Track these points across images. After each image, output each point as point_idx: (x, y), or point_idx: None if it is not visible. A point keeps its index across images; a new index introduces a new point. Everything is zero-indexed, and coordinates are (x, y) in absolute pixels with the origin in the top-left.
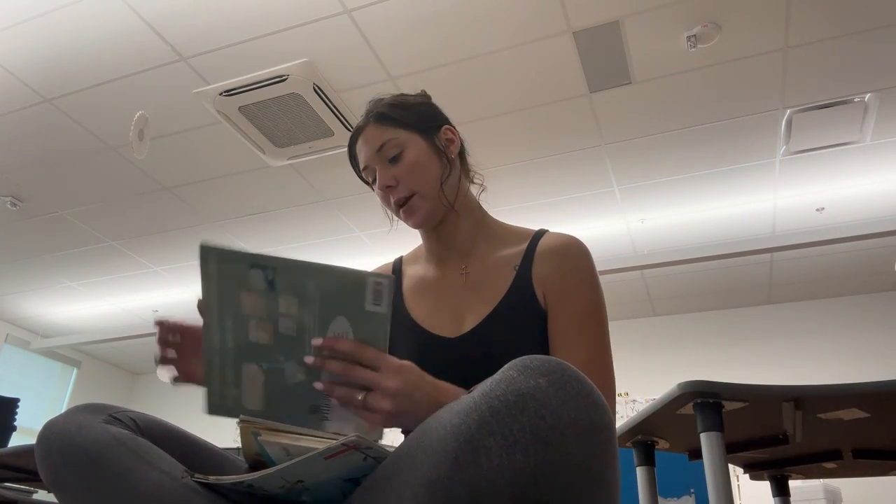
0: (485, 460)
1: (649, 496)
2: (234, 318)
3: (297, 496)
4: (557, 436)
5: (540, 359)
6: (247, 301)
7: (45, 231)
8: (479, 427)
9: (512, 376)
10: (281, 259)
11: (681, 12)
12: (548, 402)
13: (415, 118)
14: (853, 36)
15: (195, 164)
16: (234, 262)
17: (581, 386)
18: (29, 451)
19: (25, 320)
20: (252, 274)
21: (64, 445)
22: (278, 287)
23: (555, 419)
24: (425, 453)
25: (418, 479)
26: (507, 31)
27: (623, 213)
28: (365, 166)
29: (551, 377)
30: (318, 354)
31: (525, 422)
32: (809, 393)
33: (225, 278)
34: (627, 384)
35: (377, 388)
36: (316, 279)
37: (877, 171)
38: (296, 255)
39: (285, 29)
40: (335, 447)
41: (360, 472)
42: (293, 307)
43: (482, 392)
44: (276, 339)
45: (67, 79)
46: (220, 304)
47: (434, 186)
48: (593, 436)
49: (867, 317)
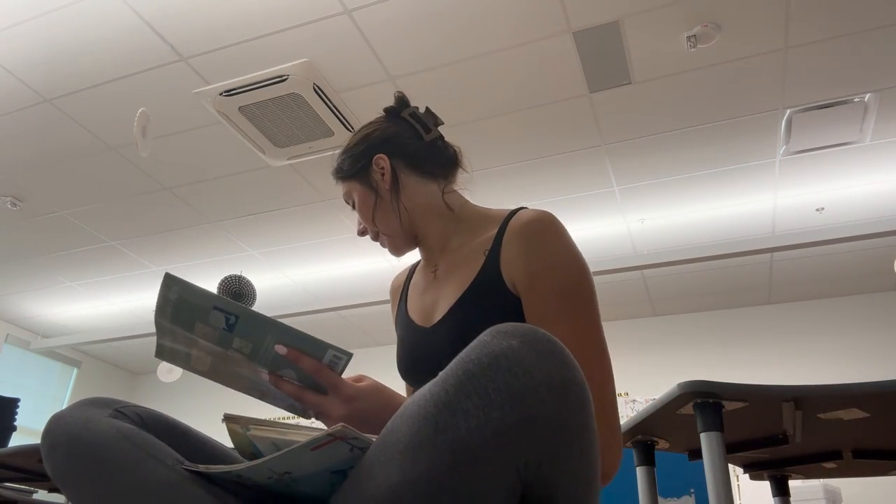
0: (463, 422)
1: (649, 496)
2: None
3: (286, 487)
4: (531, 393)
5: (512, 324)
6: (200, 329)
7: (45, 231)
8: (457, 390)
9: (485, 340)
10: (247, 310)
11: (681, 12)
12: (520, 360)
13: (350, 164)
14: (853, 36)
15: (195, 164)
16: (196, 299)
17: (552, 346)
18: (29, 451)
19: (25, 320)
20: (213, 314)
21: (70, 439)
22: (236, 331)
23: (528, 377)
24: (406, 424)
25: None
26: (507, 31)
27: (623, 213)
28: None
29: (523, 339)
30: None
31: (499, 381)
32: (809, 393)
33: (183, 308)
34: (627, 384)
35: (324, 413)
36: (277, 337)
37: (877, 171)
38: (296, 254)
39: (285, 29)
40: (321, 438)
41: (348, 464)
42: (246, 348)
43: (458, 358)
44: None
45: (67, 79)
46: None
47: (387, 228)
48: (566, 392)
49: (867, 317)
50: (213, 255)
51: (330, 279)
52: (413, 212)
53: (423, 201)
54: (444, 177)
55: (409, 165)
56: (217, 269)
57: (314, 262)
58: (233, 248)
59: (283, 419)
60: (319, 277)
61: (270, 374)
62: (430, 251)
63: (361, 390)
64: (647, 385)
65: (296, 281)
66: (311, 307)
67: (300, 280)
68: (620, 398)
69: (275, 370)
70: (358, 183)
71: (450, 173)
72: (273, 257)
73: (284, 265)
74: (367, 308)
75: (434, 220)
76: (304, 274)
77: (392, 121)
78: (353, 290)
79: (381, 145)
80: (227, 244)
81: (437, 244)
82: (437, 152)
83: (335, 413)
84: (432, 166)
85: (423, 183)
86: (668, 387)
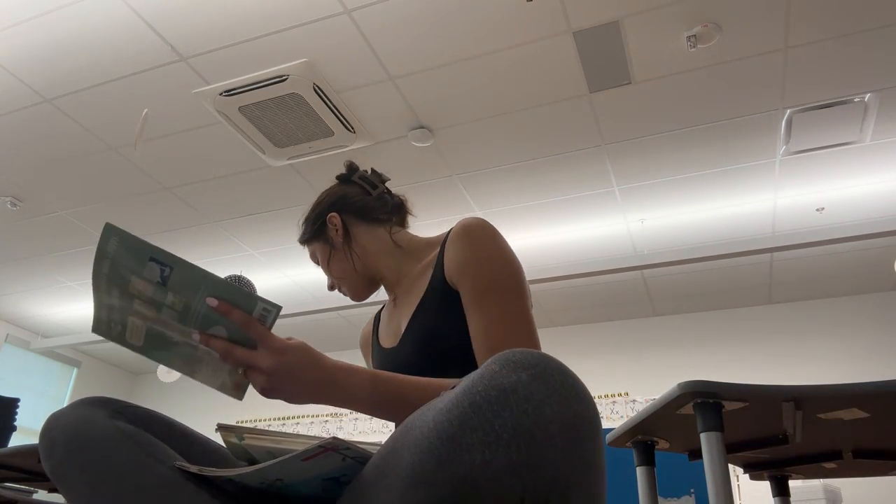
0: (467, 457)
1: (649, 496)
2: (120, 291)
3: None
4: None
5: (522, 352)
6: (136, 284)
7: (45, 231)
8: (461, 424)
9: (493, 370)
10: (182, 261)
11: (681, 12)
12: (530, 396)
13: (308, 228)
14: (853, 36)
15: (195, 164)
16: (133, 250)
17: (564, 378)
18: (29, 451)
19: (25, 320)
20: (149, 265)
21: (68, 438)
22: (170, 284)
23: (537, 414)
24: (409, 451)
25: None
26: (507, 31)
27: (623, 213)
28: None
29: (533, 371)
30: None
31: (507, 417)
32: (809, 393)
33: (120, 261)
34: (627, 384)
35: (252, 366)
36: (208, 290)
37: (877, 171)
38: (296, 254)
39: (285, 29)
40: (312, 449)
41: (340, 472)
42: (179, 304)
43: (464, 388)
44: (157, 319)
45: (67, 79)
46: (109, 277)
47: (344, 276)
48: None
49: (867, 317)
50: (213, 255)
51: None
52: (366, 255)
53: (374, 245)
54: (391, 221)
55: (359, 217)
56: (217, 269)
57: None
58: (233, 248)
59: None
60: (319, 277)
61: (201, 333)
62: (388, 285)
63: (290, 345)
64: (647, 385)
65: (296, 281)
66: (311, 307)
67: (300, 280)
68: (620, 398)
69: (205, 329)
70: (317, 241)
71: (396, 218)
72: (273, 257)
73: (284, 265)
74: (367, 308)
75: (386, 258)
76: (304, 274)
77: (342, 185)
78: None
79: (332, 206)
80: (227, 244)
81: (392, 278)
82: (383, 203)
83: (264, 364)
84: (379, 214)
85: (372, 229)
86: (668, 387)
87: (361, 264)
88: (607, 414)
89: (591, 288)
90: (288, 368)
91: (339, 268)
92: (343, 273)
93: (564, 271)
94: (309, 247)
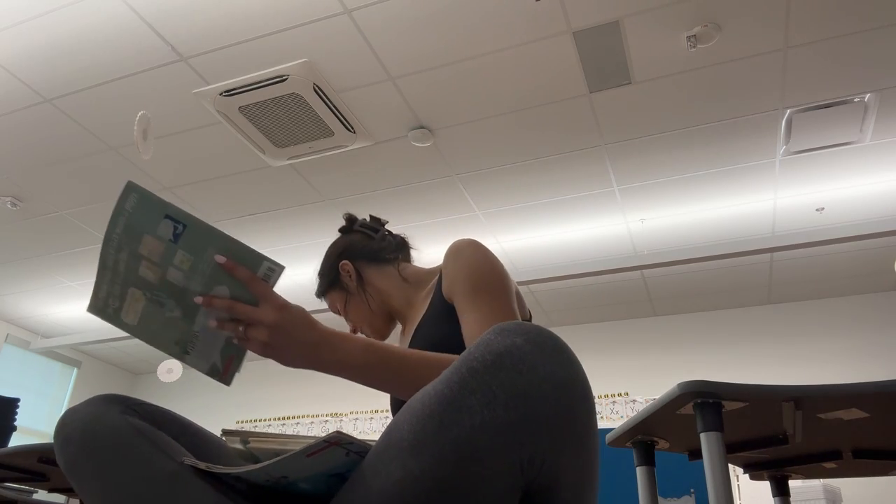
0: (468, 419)
1: (649, 496)
2: (129, 253)
3: (284, 488)
4: (535, 389)
5: (515, 322)
6: (147, 244)
7: (45, 231)
8: (461, 388)
9: (489, 339)
10: (195, 219)
11: (681, 12)
12: (524, 357)
13: (324, 280)
14: (853, 36)
15: (195, 164)
16: (151, 207)
17: (555, 343)
18: (29, 451)
19: (25, 320)
20: (163, 222)
21: (83, 433)
22: (181, 242)
23: (531, 373)
24: (410, 421)
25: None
26: (507, 31)
27: (623, 213)
28: None
29: (527, 336)
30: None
31: (503, 378)
32: (809, 393)
33: (136, 218)
34: (627, 384)
35: (255, 321)
36: (217, 247)
37: (877, 171)
38: (296, 254)
39: (285, 29)
40: (317, 444)
41: (344, 468)
42: (186, 263)
43: (462, 357)
44: (161, 283)
45: (67, 79)
46: (121, 237)
47: (363, 317)
48: (570, 389)
49: (867, 317)
50: None
51: None
52: (380, 295)
53: (386, 283)
54: (398, 258)
55: (368, 260)
56: None
57: (314, 262)
58: None
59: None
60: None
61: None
62: (402, 317)
63: (291, 304)
64: (647, 385)
65: (296, 281)
66: (310, 307)
67: (300, 280)
68: (620, 398)
69: (208, 290)
70: (333, 291)
71: (401, 255)
72: (273, 257)
73: (284, 265)
74: None
75: (397, 293)
76: (304, 274)
77: (346, 235)
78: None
79: (342, 255)
80: None
81: (404, 309)
82: (387, 244)
83: (267, 319)
84: (386, 254)
85: (381, 269)
86: (668, 387)
87: (377, 303)
88: (607, 414)
89: (591, 288)
90: (288, 325)
91: (357, 311)
92: (362, 315)
93: (564, 271)
94: (327, 298)
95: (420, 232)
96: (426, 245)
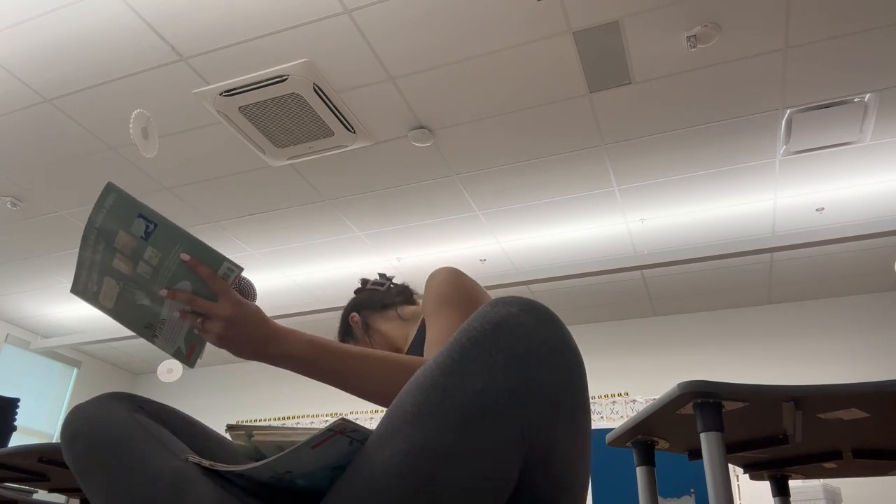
0: (470, 385)
1: (649, 496)
2: (105, 246)
3: (288, 485)
4: (533, 353)
5: (510, 296)
6: (121, 239)
7: (45, 231)
8: (461, 356)
9: (486, 310)
10: (165, 219)
11: (681, 12)
12: (520, 324)
13: (341, 332)
14: (853, 36)
15: (195, 164)
16: (127, 206)
17: (548, 313)
18: (29, 451)
19: (25, 320)
20: (136, 221)
21: (91, 429)
22: (151, 239)
23: (528, 338)
24: (412, 394)
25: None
26: (507, 31)
27: (623, 213)
28: None
29: (522, 307)
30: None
31: (502, 344)
32: (809, 393)
33: (113, 215)
34: (627, 384)
35: (212, 314)
36: (183, 246)
37: (877, 171)
38: (296, 254)
39: (285, 29)
40: (321, 434)
41: (347, 459)
42: (155, 259)
43: (461, 329)
44: (133, 274)
45: (67, 79)
46: (100, 232)
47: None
48: (564, 353)
49: (867, 317)
50: None
51: (330, 279)
52: (382, 335)
53: (387, 325)
54: (397, 302)
55: (372, 310)
56: None
57: (314, 262)
58: (233, 248)
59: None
60: (319, 277)
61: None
62: (402, 351)
63: (246, 301)
64: (647, 385)
65: (296, 281)
66: (311, 307)
67: (300, 280)
68: (620, 398)
69: (173, 284)
70: (348, 338)
71: (402, 298)
72: (273, 257)
73: (284, 265)
74: None
75: (397, 332)
76: (304, 274)
77: (359, 293)
78: (353, 291)
79: (351, 310)
80: (227, 244)
81: (403, 344)
82: (391, 293)
83: (223, 313)
84: (388, 300)
85: (384, 314)
86: (668, 387)
87: (380, 344)
88: (607, 414)
89: (591, 288)
90: (242, 320)
91: None
92: None
93: (564, 271)
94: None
95: (420, 232)
96: (426, 245)
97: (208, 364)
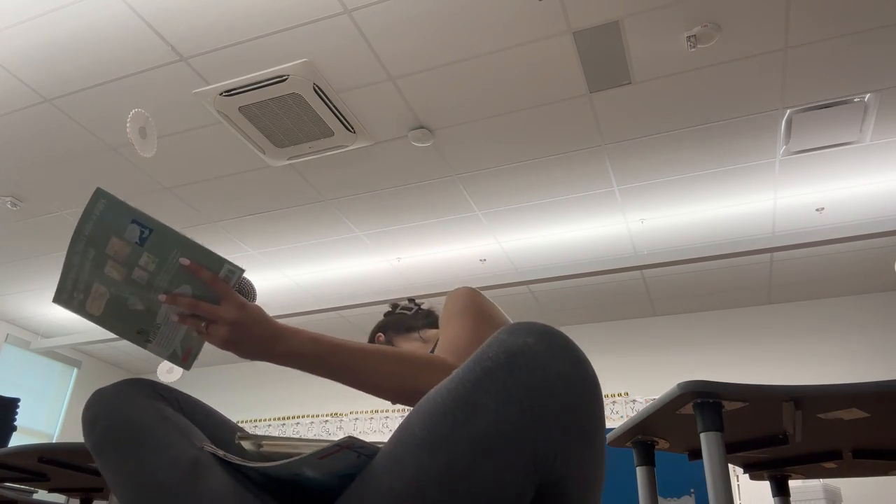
0: (482, 417)
1: (649, 496)
2: (97, 252)
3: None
4: (547, 387)
5: (527, 323)
6: (114, 245)
7: (45, 231)
8: (475, 386)
9: (502, 338)
10: (161, 224)
11: (681, 12)
12: (536, 356)
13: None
14: (853, 36)
15: (195, 164)
16: (119, 212)
17: (565, 342)
18: (29, 451)
19: (25, 320)
20: (130, 227)
21: (111, 413)
22: (147, 245)
23: (544, 371)
24: (423, 420)
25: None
26: (507, 31)
27: (623, 213)
28: None
29: (538, 336)
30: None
31: (517, 377)
32: (809, 393)
33: (104, 221)
34: (627, 384)
35: (217, 318)
36: (181, 251)
37: (877, 171)
38: (296, 254)
39: (285, 29)
40: (328, 448)
41: (356, 469)
42: (151, 265)
43: (475, 357)
44: (126, 281)
45: (67, 79)
46: (89, 239)
47: None
48: (580, 386)
49: (867, 317)
50: None
51: (330, 279)
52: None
53: (410, 345)
54: (421, 326)
55: (396, 332)
56: None
57: (314, 262)
58: (233, 248)
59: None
60: (319, 277)
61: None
62: None
63: (249, 303)
64: (647, 385)
65: (296, 281)
66: (311, 307)
67: (300, 280)
68: (620, 398)
69: (172, 289)
70: None
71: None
72: (273, 257)
73: (284, 265)
74: (367, 308)
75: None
76: (304, 274)
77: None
78: (353, 290)
79: (377, 330)
80: (227, 244)
81: None
82: (416, 317)
83: (228, 316)
84: (413, 323)
85: (408, 336)
86: (668, 387)
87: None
88: (607, 414)
89: (591, 288)
90: (248, 321)
91: None
92: None
93: (564, 271)
94: None
95: (420, 232)
96: (426, 245)
97: (208, 364)
